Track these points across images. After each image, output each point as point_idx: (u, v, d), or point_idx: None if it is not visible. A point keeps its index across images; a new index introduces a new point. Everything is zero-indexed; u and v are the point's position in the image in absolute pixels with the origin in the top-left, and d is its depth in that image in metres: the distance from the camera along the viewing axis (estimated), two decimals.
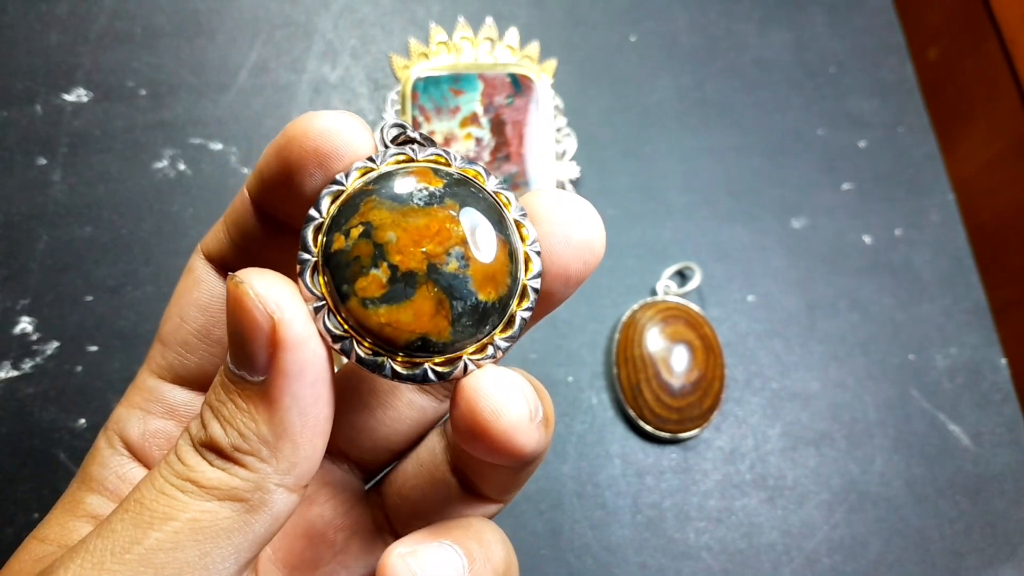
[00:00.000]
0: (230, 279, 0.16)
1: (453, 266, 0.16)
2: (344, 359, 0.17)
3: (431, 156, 0.18)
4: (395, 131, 0.18)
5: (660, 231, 0.45)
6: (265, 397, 0.16)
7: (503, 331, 0.17)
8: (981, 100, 0.54)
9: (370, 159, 0.17)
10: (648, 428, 0.40)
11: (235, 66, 0.46)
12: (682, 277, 0.44)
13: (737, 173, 0.47)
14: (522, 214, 0.18)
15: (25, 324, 0.40)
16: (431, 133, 0.44)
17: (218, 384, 0.17)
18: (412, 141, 0.18)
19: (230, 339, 0.16)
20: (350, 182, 0.17)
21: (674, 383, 0.40)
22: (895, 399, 0.43)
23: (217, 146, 0.44)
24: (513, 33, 0.47)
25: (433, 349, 0.17)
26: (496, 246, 0.17)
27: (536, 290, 0.17)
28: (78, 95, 0.44)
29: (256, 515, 0.16)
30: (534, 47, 0.47)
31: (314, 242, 0.17)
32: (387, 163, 0.17)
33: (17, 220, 0.42)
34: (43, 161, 0.43)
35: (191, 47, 0.46)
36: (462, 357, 0.17)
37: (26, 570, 0.18)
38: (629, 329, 0.41)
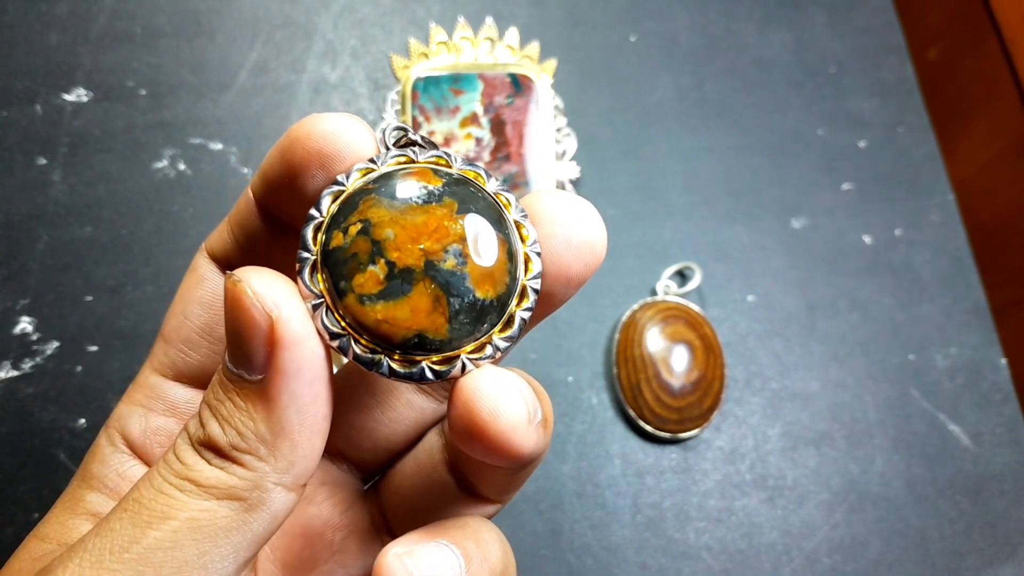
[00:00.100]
0: (228, 277, 0.16)
1: (451, 263, 0.16)
2: (343, 358, 0.17)
3: (432, 158, 0.18)
4: (397, 134, 0.18)
5: (660, 231, 0.45)
6: (263, 396, 0.16)
7: (502, 331, 0.17)
8: (981, 100, 0.54)
9: (371, 160, 0.17)
10: (648, 428, 0.40)
11: (235, 66, 0.46)
12: (682, 277, 0.44)
13: (737, 173, 0.47)
14: (522, 215, 0.18)
15: (25, 324, 0.40)
16: (431, 133, 0.44)
17: (216, 383, 0.17)
18: (414, 144, 0.18)
19: (228, 337, 0.16)
20: (351, 182, 0.17)
21: (674, 383, 0.40)
22: (895, 399, 0.43)
23: (217, 146, 0.44)
24: (513, 33, 0.47)
25: (430, 347, 0.16)
26: (494, 244, 0.17)
27: (536, 290, 0.17)
28: (78, 95, 0.44)
29: (254, 514, 0.16)
30: (534, 47, 0.47)
31: (314, 241, 0.17)
32: (388, 164, 0.17)
33: (17, 220, 0.42)
34: (43, 161, 0.43)
35: (191, 47, 0.46)
36: (460, 356, 0.17)
37: (26, 569, 0.18)
38: (629, 329, 0.41)
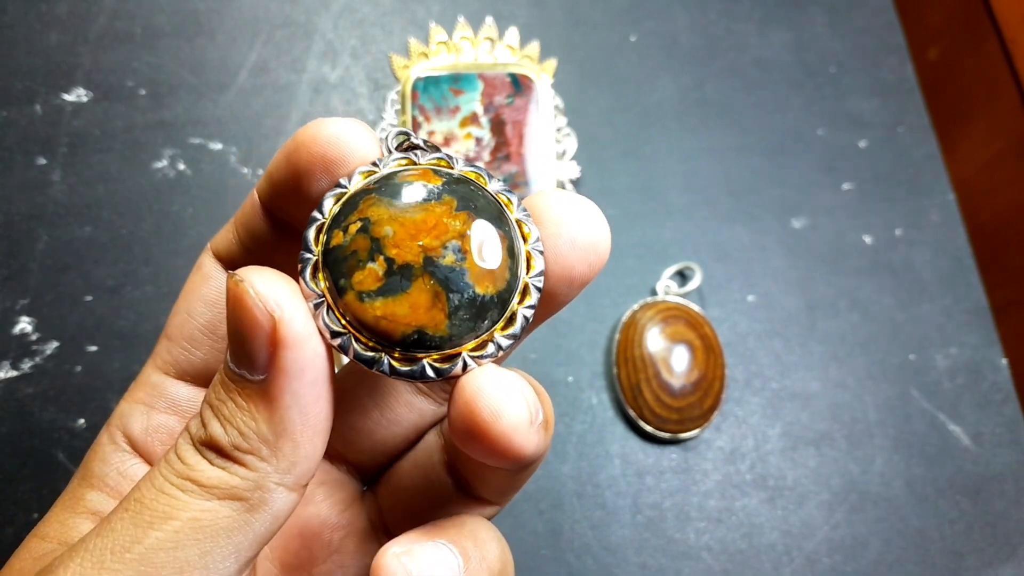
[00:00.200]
0: (230, 277, 0.16)
1: (449, 259, 0.16)
2: (344, 358, 0.17)
3: (434, 160, 0.18)
4: (399, 138, 0.18)
5: (660, 231, 0.45)
6: (265, 396, 0.16)
7: (504, 328, 0.17)
8: (981, 100, 0.54)
9: (373, 164, 0.18)
10: (648, 428, 0.40)
11: (235, 66, 0.46)
12: (682, 277, 0.44)
13: (737, 173, 0.47)
14: (525, 214, 0.18)
15: (25, 324, 0.40)
16: (431, 133, 0.44)
17: (218, 383, 0.17)
18: (416, 147, 0.18)
19: (230, 337, 0.16)
20: (352, 185, 0.17)
21: (674, 383, 0.40)
22: (895, 399, 0.43)
23: (217, 146, 0.44)
24: (513, 33, 0.47)
25: (430, 344, 0.16)
26: (494, 241, 0.17)
27: (539, 288, 0.17)
28: (78, 95, 0.44)
29: (256, 514, 0.16)
30: (534, 47, 0.47)
31: (315, 242, 0.17)
32: (389, 167, 0.18)
33: (17, 220, 0.42)
34: (43, 161, 0.43)
35: (191, 47, 0.46)
36: (461, 353, 0.17)
37: (27, 568, 0.18)
38: (629, 329, 0.41)
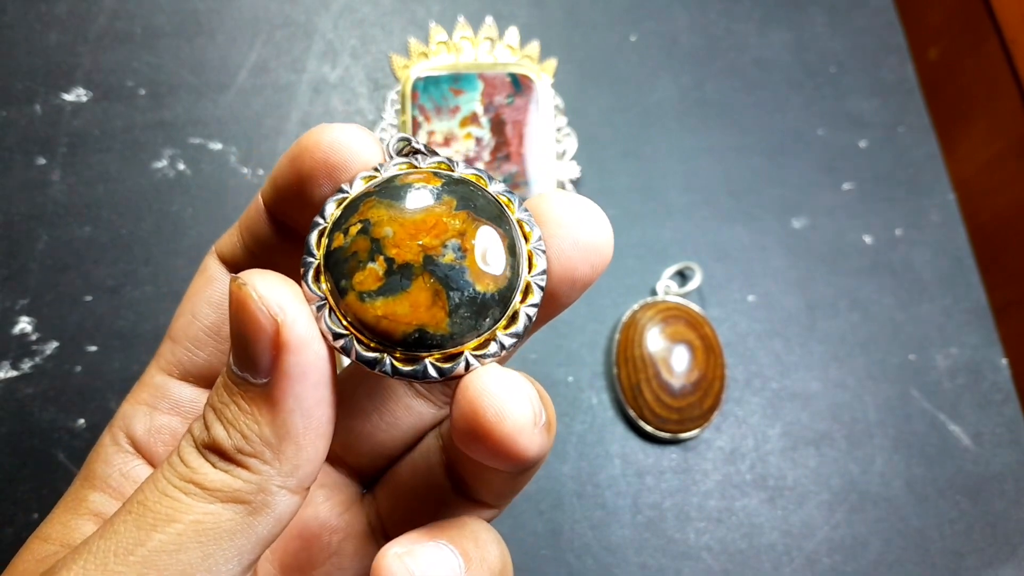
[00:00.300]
0: (233, 280, 0.16)
1: (449, 257, 0.16)
2: (346, 359, 0.17)
3: (434, 164, 0.18)
4: (401, 143, 0.19)
5: (660, 231, 0.45)
6: (268, 399, 0.16)
7: (506, 327, 0.17)
8: (981, 100, 0.54)
9: (375, 169, 0.18)
10: (648, 428, 0.40)
11: (235, 66, 0.46)
12: (682, 277, 0.44)
13: (737, 173, 0.47)
14: (526, 214, 0.18)
15: (24, 324, 0.40)
16: (431, 133, 0.44)
17: (221, 386, 0.17)
18: (417, 152, 0.19)
19: (233, 340, 0.16)
20: (354, 189, 0.17)
21: (674, 383, 0.40)
22: (895, 399, 0.43)
23: (217, 146, 0.44)
24: (513, 33, 0.47)
25: (431, 343, 0.16)
26: (494, 239, 0.17)
27: (541, 287, 0.17)
28: (77, 95, 0.44)
29: (259, 517, 0.16)
30: (534, 47, 0.47)
31: (317, 246, 0.17)
32: (390, 171, 0.18)
33: (17, 220, 0.42)
34: (42, 161, 0.43)
35: (191, 47, 0.46)
36: (463, 353, 0.17)
37: (30, 570, 0.18)
38: (629, 329, 0.41)
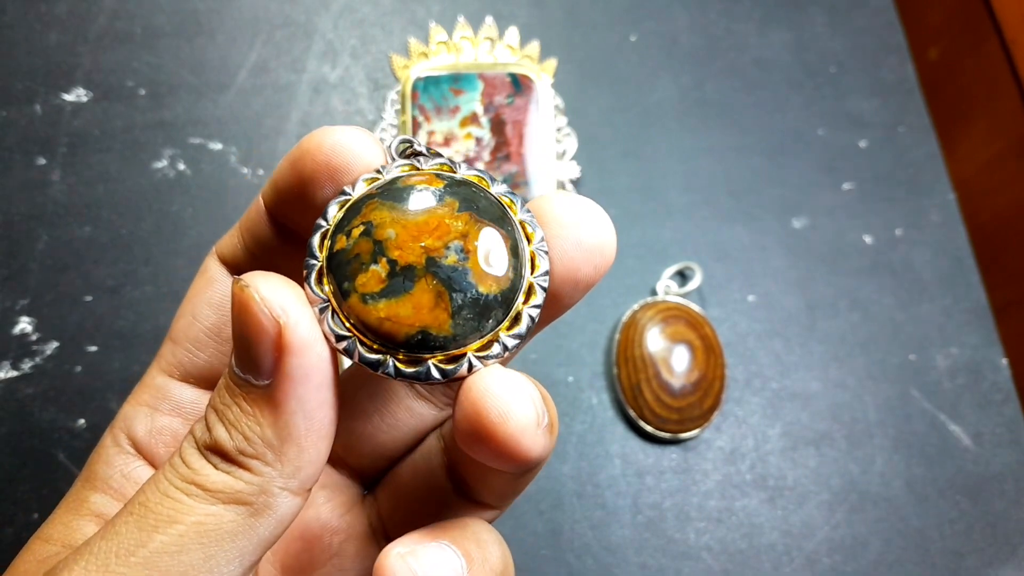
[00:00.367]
0: (235, 282, 0.16)
1: (452, 259, 0.16)
2: (348, 360, 0.17)
3: (436, 165, 0.18)
4: (402, 145, 0.19)
5: (660, 231, 0.45)
6: (270, 401, 0.16)
7: (509, 328, 0.17)
8: (981, 100, 0.54)
9: (377, 171, 0.18)
10: (648, 428, 0.40)
11: (235, 66, 0.46)
12: (682, 277, 0.44)
13: (737, 173, 0.47)
14: (528, 215, 0.18)
15: (24, 324, 0.40)
16: (431, 133, 0.44)
17: (223, 387, 0.17)
18: (419, 154, 0.19)
19: (235, 342, 0.16)
20: (356, 191, 0.17)
21: (674, 383, 0.40)
22: (895, 399, 0.43)
23: (217, 146, 0.44)
24: (513, 33, 0.47)
25: (434, 344, 0.16)
26: (497, 241, 0.17)
27: (544, 288, 0.17)
28: (78, 95, 0.44)
29: (260, 518, 0.16)
30: (534, 47, 0.47)
31: (320, 248, 0.17)
32: (392, 173, 0.18)
33: (17, 220, 0.42)
34: (42, 161, 0.43)
35: (191, 47, 0.46)
36: (466, 354, 0.17)
37: (31, 571, 0.18)
38: (629, 329, 0.41)
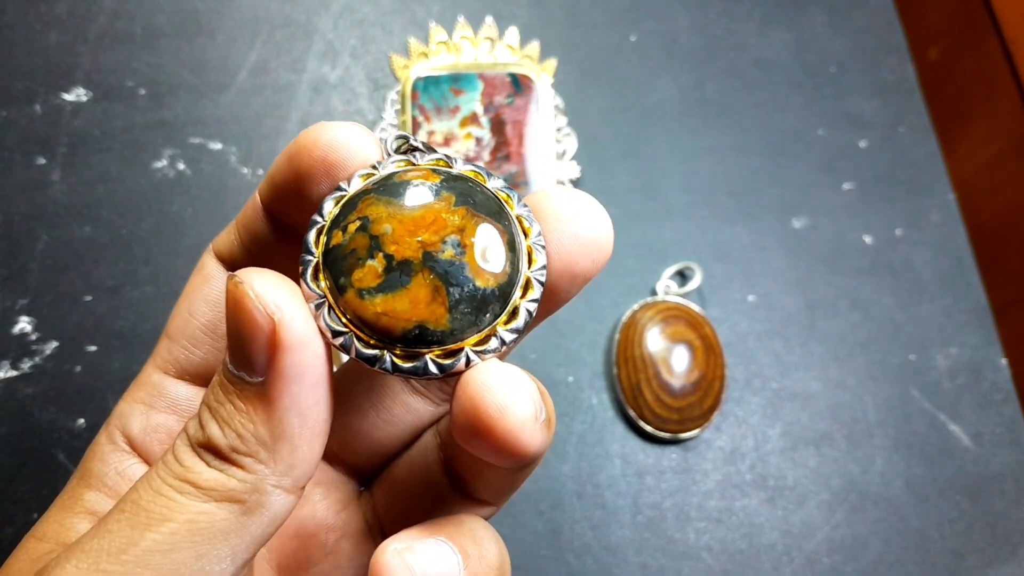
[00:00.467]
0: (230, 279, 0.16)
1: (449, 253, 0.16)
2: (344, 356, 0.17)
3: (432, 160, 0.18)
4: (399, 141, 0.19)
5: (660, 231, 0.45)
6: (264, 398, 0.16)
7: (506, 323, 0.17)
8: (981, 100, 0.54)
9: (373, 166, 0.18)
10: (648, 428, 0.40)
11: (235, 66, 0.46)
12: (682, 277, 0.44)
13: (737, 173, 0.47)
14: (525, 210, 0.18)
15: (24, 324, 0.40)
16: (431, 133, 0.44)
17: (217, 384, 0.17)
18: (415, 149, 0.19)
19: (229, 339, 0.16)
20: (352, 187, 0.17)
21: (674, 383, 0.40)
22: (895, 399, 0.43)
23: (217, 146, 0.44)
24: (513, 33, 0.47)
25: (432, 339, 0.16)
26: (494, 235, 0.17)
27: (541, 282, 0.17)
28: (77, 95, 0.44)
29: (253, 517, 0.16)
30: (534, 47, 0.47)
31: (316, 244, 0.17)
32: (389, 169, 0.18)
33: (17, 220, 0.42)
34: (42, 161, 0.43)
35: (191, 47, 0.46)
36: (463, 349, 0.17)
37: (25, 569, 0.18)
38: (629, 329, 0.41)
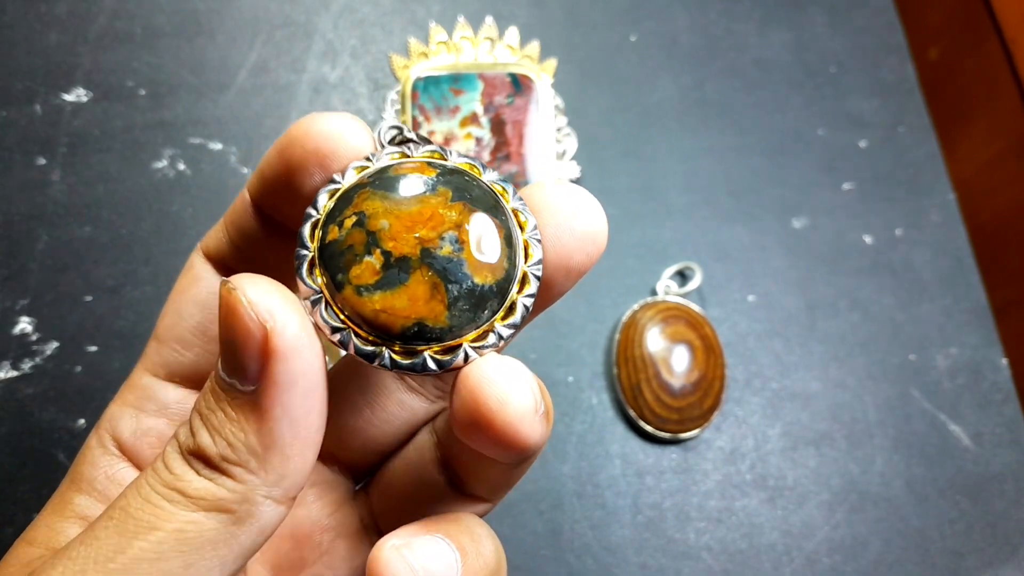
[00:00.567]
0: (223, 285, 0.16)
1: (447, 250, 0.16)
2: (342, 352, 0.17)
3: (427, 153, 0.18)
4: (392, 132, 0.18)
5: (660, 231, 0.45)
6: (255, 407, 0.16)
7: (504, 318, 0.17)
8: (981, 100, 0.54)
9: (367, 159, 0.18)
10: (648, 428, 0.40)
11: (235, 66, 0.46)
12: (682, 277, 0.44)
13: (737, 173, 0.47)
14: (521, 203, 0.18)
15: (24, 324, 0.40)
16: (431, 133, 0.44)
17: (208, 391, 0.16)
18: (409, 141, 0.18)
19: (222, 347, 0.16)
20: (346, 180, 0.17)
21: (674, 383, 0.40)
22: (895, 399, 0.43)
23: (217, 146, 0.44)
24: (513, 33, 0.47)
25: (430, 336, 0.16)
26: (491, 231, 0.17)
27: (538, 277, 0.17)
28: (77, 95, 0.44)
29: (242, 527, 0.16)
30: (534, 47, 0.47)
31: (311, 238, 0.17)
32: (383, 161, 0.18)
33: (17, 220, 0.42)
34: (42, 161, 0.43)
35: (191, 47, 0.46)
36: (462, 345, 0.17)
37: (14, 574, 0.18)
38: (629, 329, 0.41)
